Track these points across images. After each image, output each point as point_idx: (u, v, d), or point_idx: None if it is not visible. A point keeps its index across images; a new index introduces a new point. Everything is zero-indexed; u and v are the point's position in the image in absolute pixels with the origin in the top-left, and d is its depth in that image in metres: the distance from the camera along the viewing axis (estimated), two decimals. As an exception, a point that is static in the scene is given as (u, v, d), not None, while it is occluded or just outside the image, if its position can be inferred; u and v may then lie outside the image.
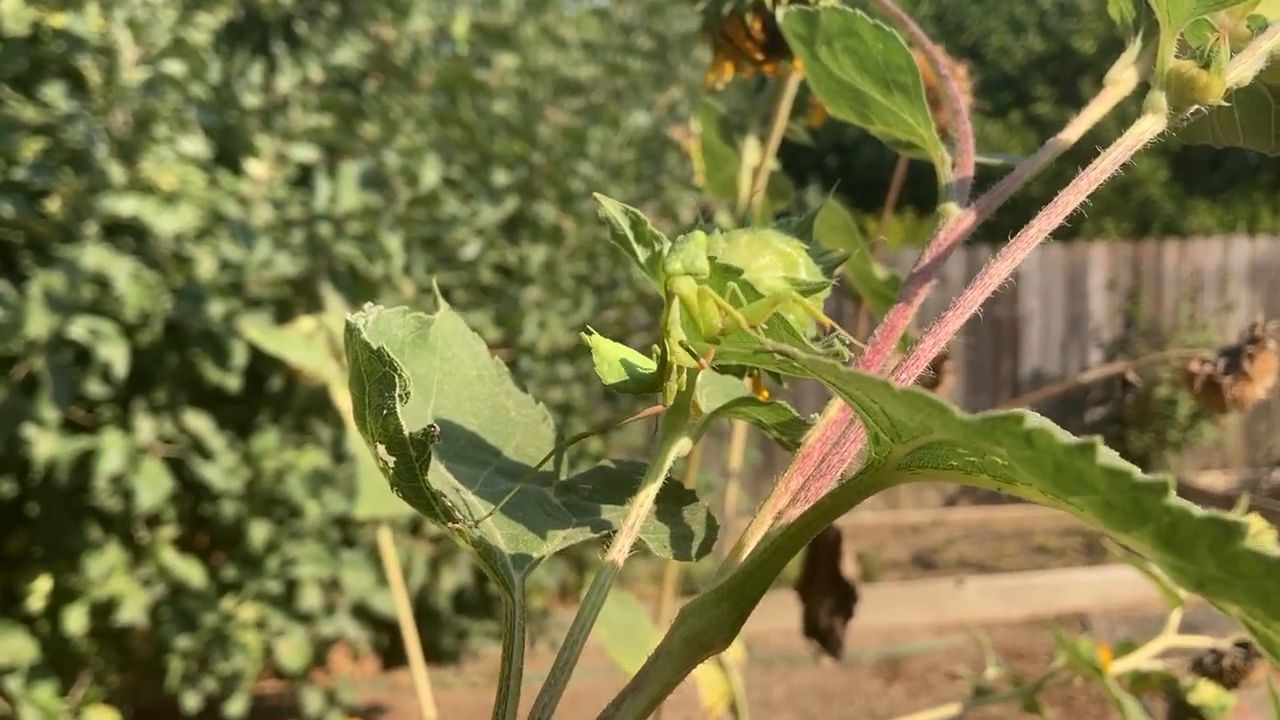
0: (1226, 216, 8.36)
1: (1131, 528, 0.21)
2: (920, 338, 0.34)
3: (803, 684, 4.02)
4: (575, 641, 0.31)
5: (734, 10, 0.64)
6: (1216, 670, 0.86)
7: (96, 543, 2.34)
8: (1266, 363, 0.96)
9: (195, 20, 2.46)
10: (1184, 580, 0.22)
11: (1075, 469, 0.21)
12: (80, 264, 2.13)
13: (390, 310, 0.36)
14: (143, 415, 2.32)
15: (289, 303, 2.55)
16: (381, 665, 3.49)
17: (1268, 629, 0.23)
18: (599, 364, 0.34)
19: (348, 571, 2.60)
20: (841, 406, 0.35)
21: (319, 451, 2.56)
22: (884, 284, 0.78)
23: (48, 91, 2.20)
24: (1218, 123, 0.40)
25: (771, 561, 0.30)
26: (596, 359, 0.34)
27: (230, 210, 2.39)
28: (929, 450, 0.28)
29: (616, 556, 0.33)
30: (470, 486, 0.36)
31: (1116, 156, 0.35)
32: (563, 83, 3.62)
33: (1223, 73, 0.35)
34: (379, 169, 2.74)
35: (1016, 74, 9.46)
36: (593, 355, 0.34)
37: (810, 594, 1.07)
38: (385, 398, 0.30)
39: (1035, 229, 0.34)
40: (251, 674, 2.51)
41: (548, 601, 3.88)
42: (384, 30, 2.99)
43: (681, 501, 0.38)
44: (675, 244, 0.31)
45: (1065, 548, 5.69)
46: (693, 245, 0.31)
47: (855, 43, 0.43)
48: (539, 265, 3.24)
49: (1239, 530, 0.19)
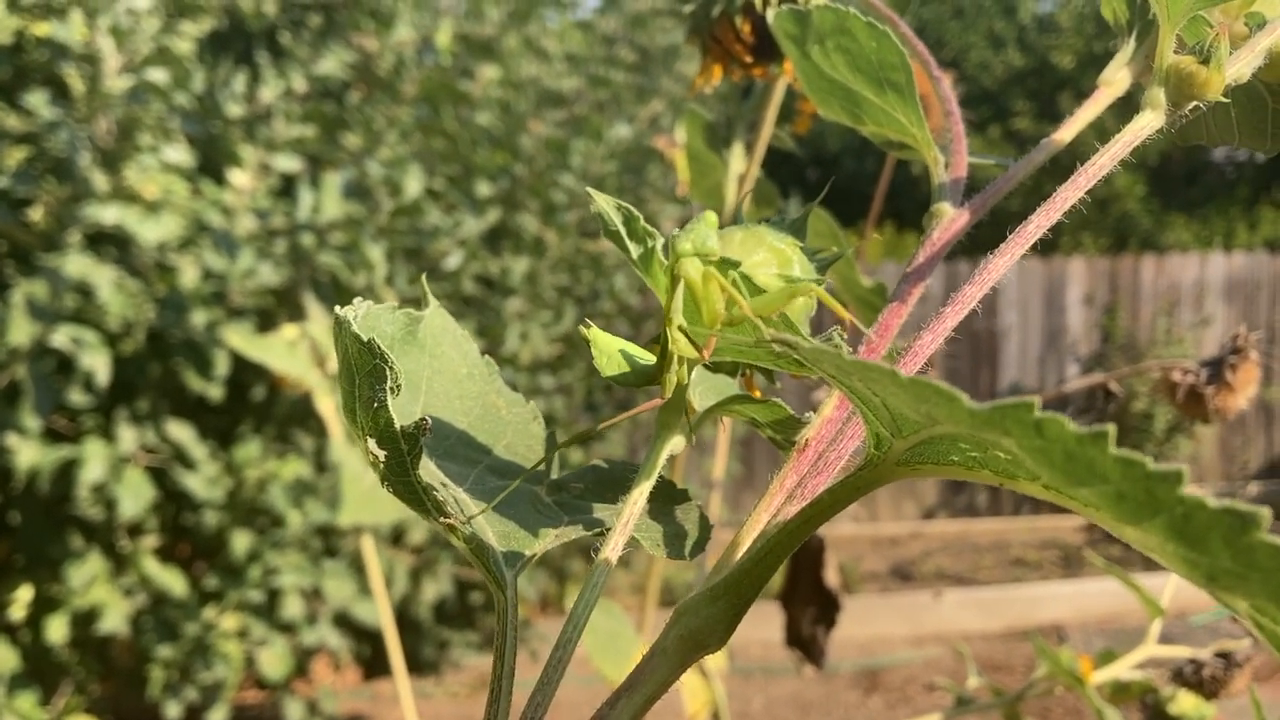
0: (1203, 232, 8.41)
1: (1143, 519, 0.21)
2: (918, 334, 0.34)
3: (781, 695, 4.01)
4: (569, 639, 0.31)
5: (723, 12, 0.64)
6: (1196, 680, 0.86)
7: (78, 552, 2.33)
8: (1248, 373, 0.96)
9: (179, 29, 2.45)
10: (1195, 574, 0.21)
11: (1087, 458, 0.21)
12: (63, 272, 2.12)
13: (379, 306, 0.36)
14: (125, 424, 2.31)
15: (271, 312, 2.54)
16: (363, 675, 3.48)
17: (1277, 625, 0.23)
18: (597, 356, 0.34)
19: (329, 581, 2.59)
20: (838, 403, 0.34)
21: (301, 461, 2.55)
22: (869, 291, 0.78)
23: (31, 99, 2.19)
24: (1214, 121, 0.40)
25: (768, 559, 0.30)
26: (595, 351, 0.34)
27: (213, 219, 2.38)
28: (930, 445, 0.27)
29: (611, 554, 0.33)
30: (461, 484, 0.36)
31: (1115, 152, 0.35)
32: (545, 94, 3.62)
33: (1223, 68, 0.34)
34: (362, 179, 2.74)
35: (996, 89, 9.50)
36: (591, 348, 0.34)
37: (793, 603, 1.07)
38: (376, 391, 0.30)
39: (1034, 225, 0.34)
40: (233, 683, 2.50)
41: (529, 612, 3.87)
42: (367, 41, 2.99)
43: (674, 501, 0.37)
44: (685, 225, 0.31)
45: (1042, 560, 5.71)
46: (703, 225, 0.31)
47: (848, 41, 0.42)
48: (521, 276, 3.24)
49: (1256, 521, 0.19)
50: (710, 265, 0.31)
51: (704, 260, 0.31)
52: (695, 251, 0.30)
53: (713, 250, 0.31)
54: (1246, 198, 8.65)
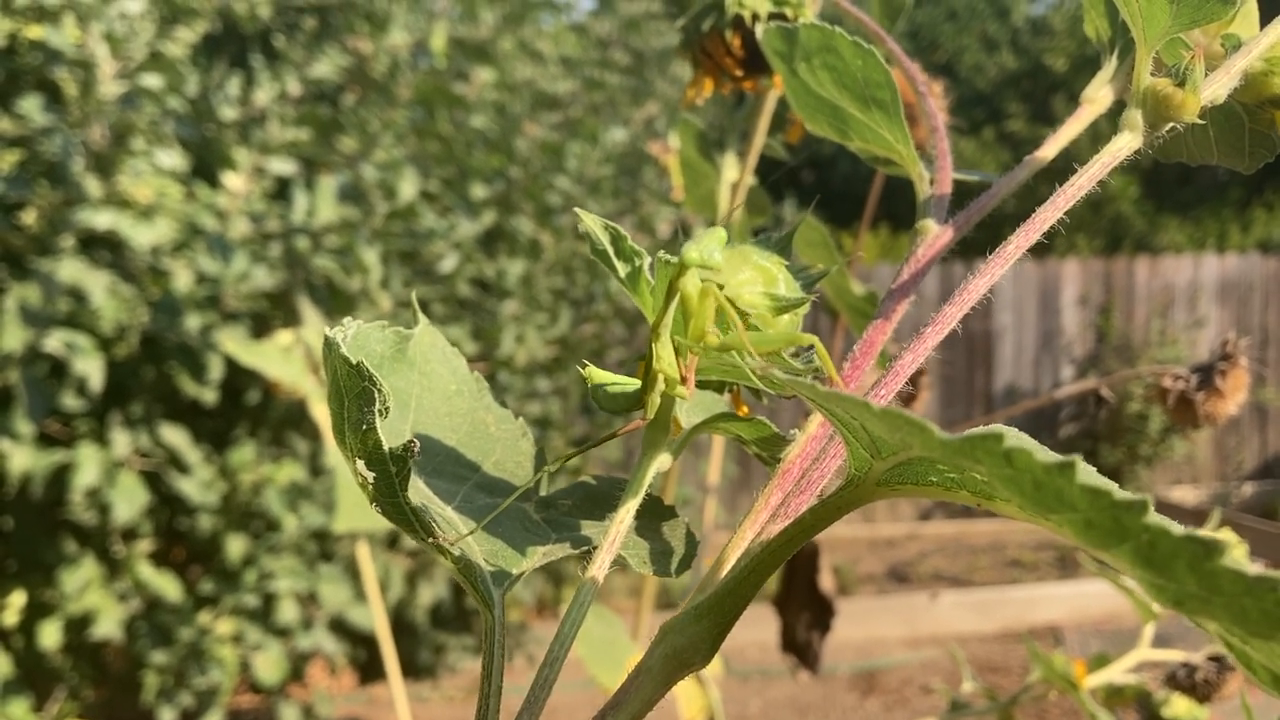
0: (1197, 233, 8.42)
1: (1110, 546, 0.21)
2: (899, 354, 0.34)
3: (778, 698, 4.02)
4: (555, 659, 0.31)
5: (714, 27, 0.64)
6: (1190, 684, 0.86)
7: (72, 557, 2.32)
8: (1238, 379, 0.96)
9: (173, 33, 2.45)
10: (1163, 597, 0.22)
11: (1054, 487, 0.21)
12: (56, 277, 2.12)
13: (369, 324, 0.36)
14: (119, 429, 2.31)
15: (266, 316, 2.54)
16: (358, 680, 3.47)
17: (1245, 645, 0.23)
18: (592, 390, 0.35)
19: (325, 585, 2.59)
20: (821, 422, 0.35)
21: (296, 465, 2.55)
22: (862, 299, 0.78)
23: (24, 104, 2.18)
24: (1192, 140, 0.41)
25: (751, 578, 0.30)
26: (590, 386, 0.35)
27: (207, 223, 2.38)
28: (909, 466, 0.28)
29: (597, 573, 0.33)
30: (449, 502, 0.36)
31: (1094, 173, 0.35)
32: (540, 97, 3.62)
33: (1198, 90, 0.35)
34: (356, 182, 2.73)
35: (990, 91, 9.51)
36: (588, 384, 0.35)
37: (788, 608, 1.07)
38: (365, 413, 0.30)
39: (1014, 245, 0.34)
40: (228, 688, 2.50)
41: (524, 615, 3.87)
42: (362, 44, 2.98)
43: (661, 517, 0.38)
44: (695, 235, 0.31)
45: (1038, 561, 5.71)
46: (712, 239, 0.31)
47: (834, 59, 0.43)
48: (516, 279, 3.24)
49: (1218, 548, 0.19)
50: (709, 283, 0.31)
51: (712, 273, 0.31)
52: (702, 263, 0.30)
53: (718, 265, 0.30)
54: (1239, 199, 8.65)
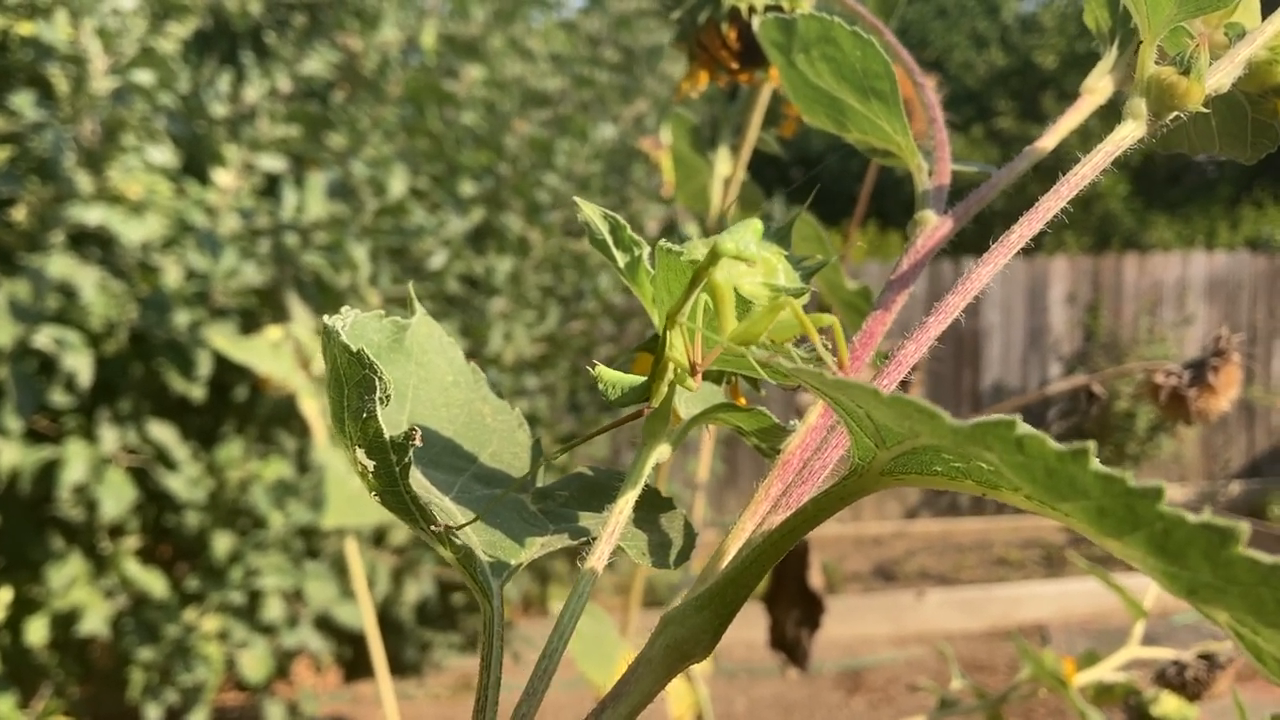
0: (1185, 231, 8.45)
1: (1123, 534, 0.21)
2: (893, 350, 0.34)
3: (764, 696, 4.02)
4: (554, 650, 0.31)
5: (710, 19, 0.64)
6: (1179, 682, 0.86)
7: (59, 553, 2.31)
8: (1230, 375, 0.96)
9: (165, 29, 2.44)
10: (1175, 587, 0.21)
11: (1067, 474, 0.21)
12: (46, 273, 2.11)
13: (366, 314, 0.36)
14: (107, 425, 2.30)
15: (255, 312, 2.53)
16: (344, 677, 3.47)
17: (1256, 635, 0.23)
18: (603, 388, 0.34)
19: (311, 583, 2.58)
20: (822, 412, 0.34)
21: (283, 462, 2.54)
22: (855, 294, 0.78)
23: (15, 100, 2.17)
24: (1194, 130, 0.40)
25: (753, 568, 0.30)
26: (601, 385, 0.34)
27: (197, 220, 2.37)
28: (914, 455, 0.27)
29: (596, 564, 0.33)
30: (446, 492, 0.36)
31: (1097, 162, 0.35)
32: (530, 94, 3.62)
33: (1203, 79, 0.35)
34: (346, 179, 2.73)
35: (979, 89, 9.53)
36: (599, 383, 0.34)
37: (777, 606, 1.07)
38: (365, 401, 0.30)
39: (1017, 234, 0.34)
40: (213, 686, 2.49)
41: (511, 613, 3.87)
42: (352, 41, 2.98)
43: (659, 509, 0.37)
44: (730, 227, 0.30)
45: (1025, 560, 5.72)
46: (748, 230, 0.30)
47: (833, 50, 0.42)
48: (505, 276, 3.23)
49: (1234, 536, 0.19)
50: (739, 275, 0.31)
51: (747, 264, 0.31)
52: (737, 254, 0.30)
53: (752, 257, 0.30)
54: (1228, 197, 8.68)
